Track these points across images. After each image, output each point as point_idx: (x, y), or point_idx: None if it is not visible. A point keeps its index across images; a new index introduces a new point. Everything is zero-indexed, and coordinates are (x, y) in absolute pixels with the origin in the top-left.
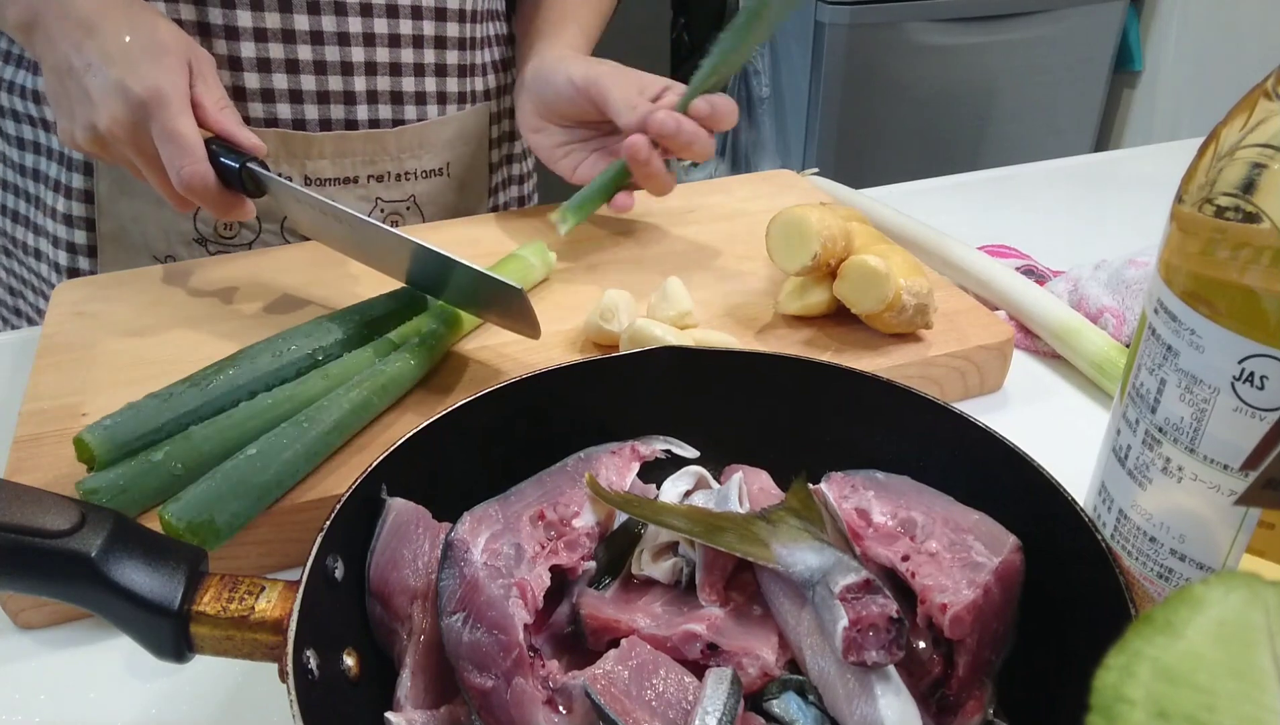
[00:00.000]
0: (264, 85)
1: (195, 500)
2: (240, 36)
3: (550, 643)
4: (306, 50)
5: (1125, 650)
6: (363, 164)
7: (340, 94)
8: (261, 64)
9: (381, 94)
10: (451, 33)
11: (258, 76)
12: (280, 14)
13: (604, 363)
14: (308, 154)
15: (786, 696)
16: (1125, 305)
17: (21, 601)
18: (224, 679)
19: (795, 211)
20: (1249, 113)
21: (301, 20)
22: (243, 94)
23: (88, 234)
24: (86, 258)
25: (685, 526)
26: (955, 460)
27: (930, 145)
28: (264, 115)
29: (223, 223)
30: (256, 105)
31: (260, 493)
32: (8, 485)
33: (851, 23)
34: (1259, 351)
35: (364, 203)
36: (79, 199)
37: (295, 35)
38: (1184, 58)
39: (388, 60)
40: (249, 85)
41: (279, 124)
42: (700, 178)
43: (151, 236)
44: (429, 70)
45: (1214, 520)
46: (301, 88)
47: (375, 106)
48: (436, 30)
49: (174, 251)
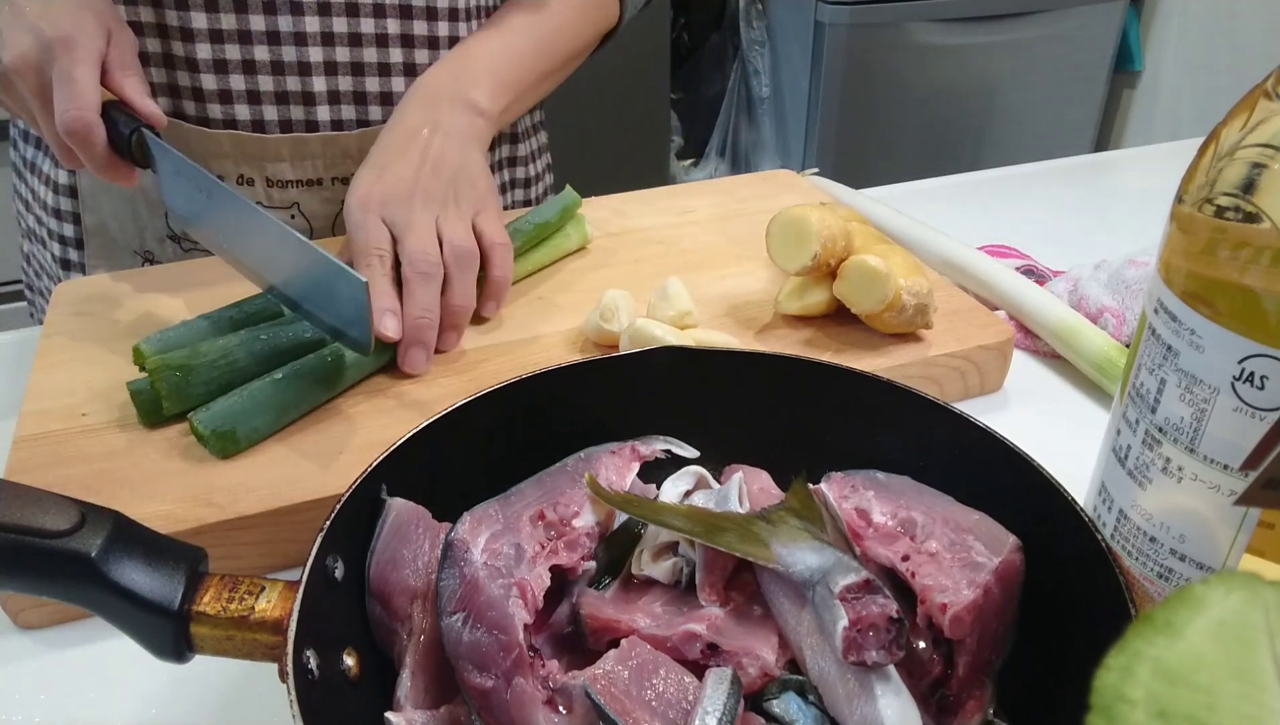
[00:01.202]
0: (221, 86)
1: (223, 411)
2: (195, 38)
3: (550, 643)
4: (263, 51)
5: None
6: (325, 166)
7: (299, 95)
8: (218, 65)
9: (344, 94)
10: (419, 31)
11: (215, 78)
12: (236, 15)
13: (604, 363)
14: (264, 156)
15: (786, 696)
16: (1125, 305)
17: (21, 601)
18: (224, 679)
19: (795, 211)
20: (1249, 113)
21: (258, 20)
22: (201, 95)
23: (75, 227)
24: (75, 250)
25: (685, 526)
26: (955, 460)
27: (930, 145)
28: (222, 116)
29: None
30: (215, 106)
31: (279, 412)
32: (8, 485)
33: (851, 23)
34: (1259, 351)
35: (330, 205)
36: (65, 193)
37: (251, 36)
38: (1184, 58)
39: (349, 60)
40: (206, 86)
41: (238, 125)
42: (700, 178)
43: (129, 233)
44: (396, 70)
45: (1214, 520)
46: (259, 89)
47: (338, 107)
48: (402, 29)
49: (150, 248)
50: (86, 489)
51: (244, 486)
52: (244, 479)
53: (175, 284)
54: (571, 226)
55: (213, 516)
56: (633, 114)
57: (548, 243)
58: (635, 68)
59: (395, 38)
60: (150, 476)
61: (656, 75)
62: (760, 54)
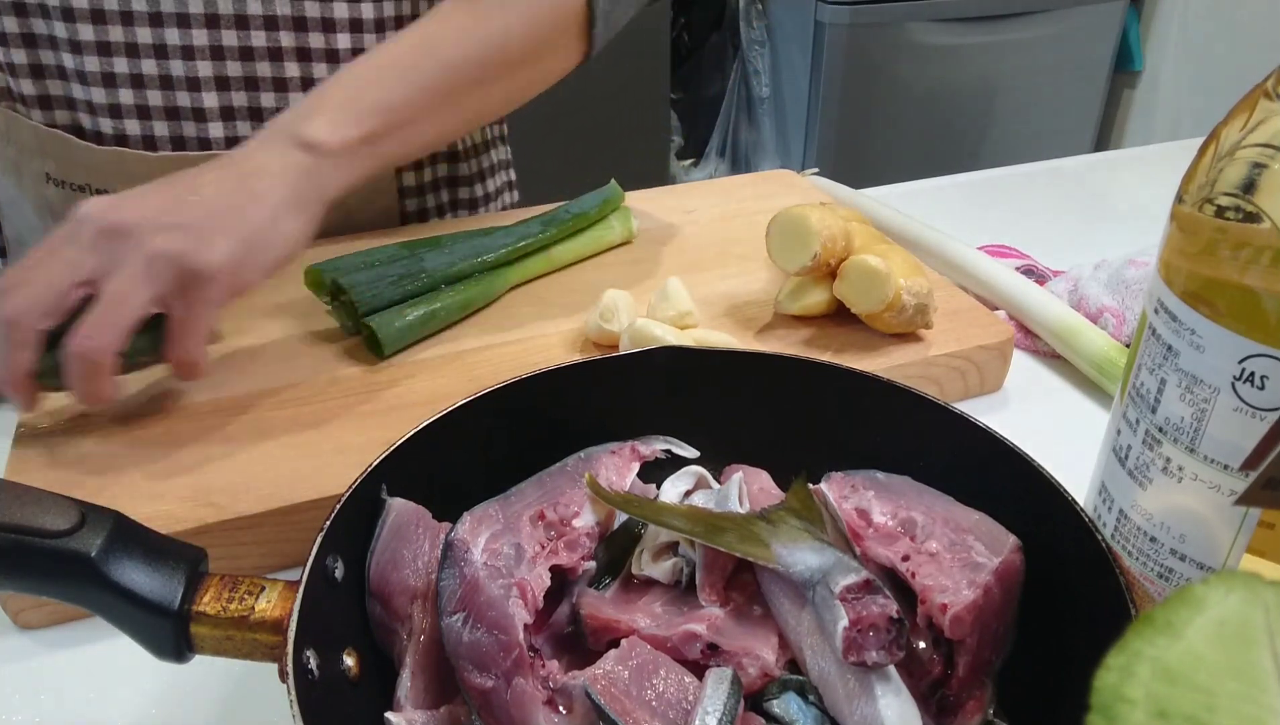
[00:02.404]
0: (110, 100)
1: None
2: (84, 50)
3: (550, 643)
4: (150, 64)
5: (1125, 650)
6: None
7: (189, 110)
8: (106, 79)
9: (239, 110)
10: (315, 44)
11: (104, 91)
12: (123, 27)
13: (604, 363)
14: (149, 175)
15: (787, 697)
16: (1125, 305)
17: (21, 601)
18: (224, 679)
19: (795, 211)
20: (1249, 113)
21: (144, 33)
22: (92, 108)
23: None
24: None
25: (685, 526)
26: (955, 460)
27: (930, 145)
28: (113, 131)
29: None
30: (105, 120)
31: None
32: (8, 485)
33: (851, 23)
34: (1259, 351)
35: None
36: None
37: (139, 49)
38: (1184, 58)
39: (241, 74)
40: (95, 100)
41: (129, 141)
42: (700, 178)
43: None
44: (293, 85)
45: (1214, 520)
46: (149, 103)
47: (233, 124)
48: (297, 42)
49: None
50: (86, 489)
51: (244, 486)
52: (244, 479)
53: None
54: (616, 219)
55: (213, 516)
56: (633, 114)
57: (587, 233)
58: (635, 68)
59: (290, 51)
60: (150, 476)
61: (656, 75)
62: (760, 54)
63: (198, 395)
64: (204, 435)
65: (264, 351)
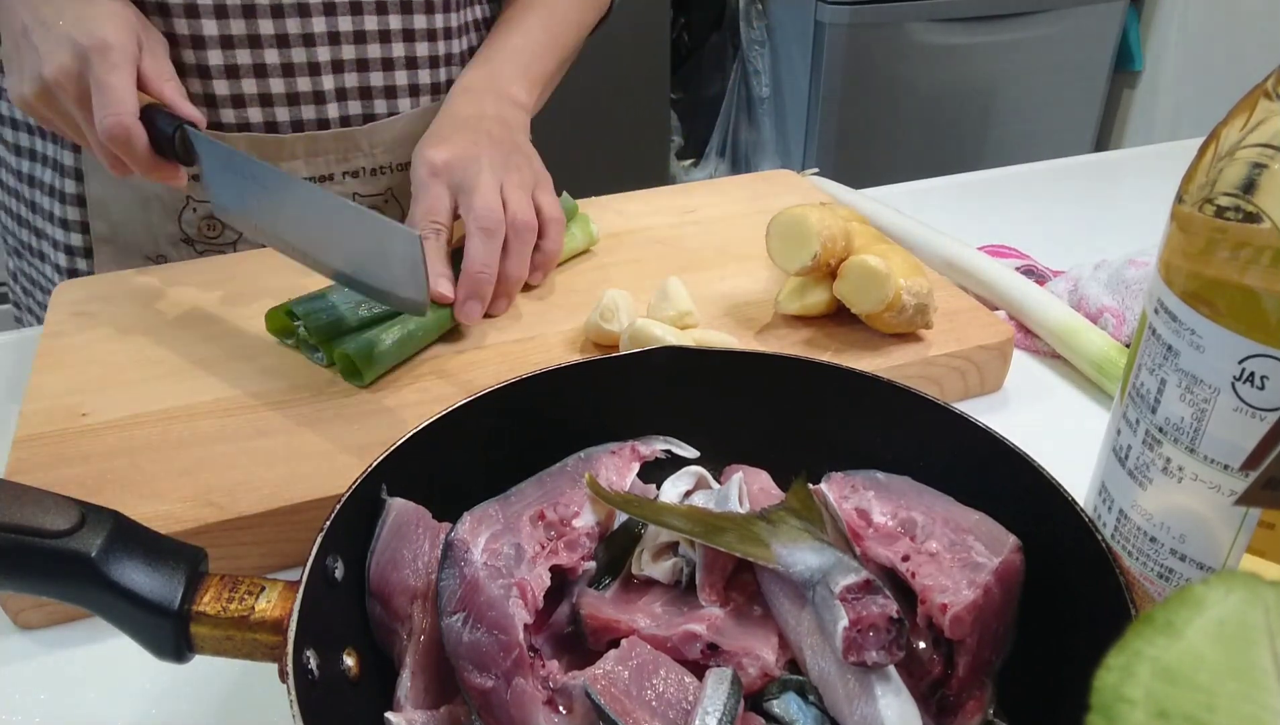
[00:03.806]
0: (234, 91)
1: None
2: (207, 45)
3: (550, 643)
4: (273, 54)
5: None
6: (336, 161)
7: (309, 94)
8: (230, 70)
9: (350, 90)
10: (419, 25)
11: (227, 83)
12: (245, 20)
13: (604, 363)
14: (279, 155)
15: (787, 697)
16: (1125, 305)
17: (21, 601)
18: (224, 679)
19: (795, 211)
20: (1249, 113)
21: (266, 25)
22: (214, 101)
23: (83, 236)
24: (84, 259)
25: (685, 527)
26: (955, 460)
27: (930, 145)
28: (236, 121)
29: (205, 223)
30: (228, 111)
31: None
32: (8, 485)
33: (851, 23)
34: (1259, 351)
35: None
36: (72, 203)
37: (261, 40)
38: (1184, 58)
39: (354, 57)
40: (219, 92)
41: (251, 128)
42: (700, 178)
43: (141, 238)
44: (398, 64)
45: (1214, 520)
46: (271, 91)
47: (344, 104)
48: (403, 24)
49: (163, 251)
50: (86, 489)
51: (244, 486)
52: (244, 479)
53: (176, 284)
54: (577, 227)
55: (213, 516)
56: (633, 114)
57: None
58: (635, 68)
59: (397, 33)
60: (150, 476)
61: (656, 75)
62: (760, 54)
63: (198, 395)
64: (203, 435)
65: (264, 352)
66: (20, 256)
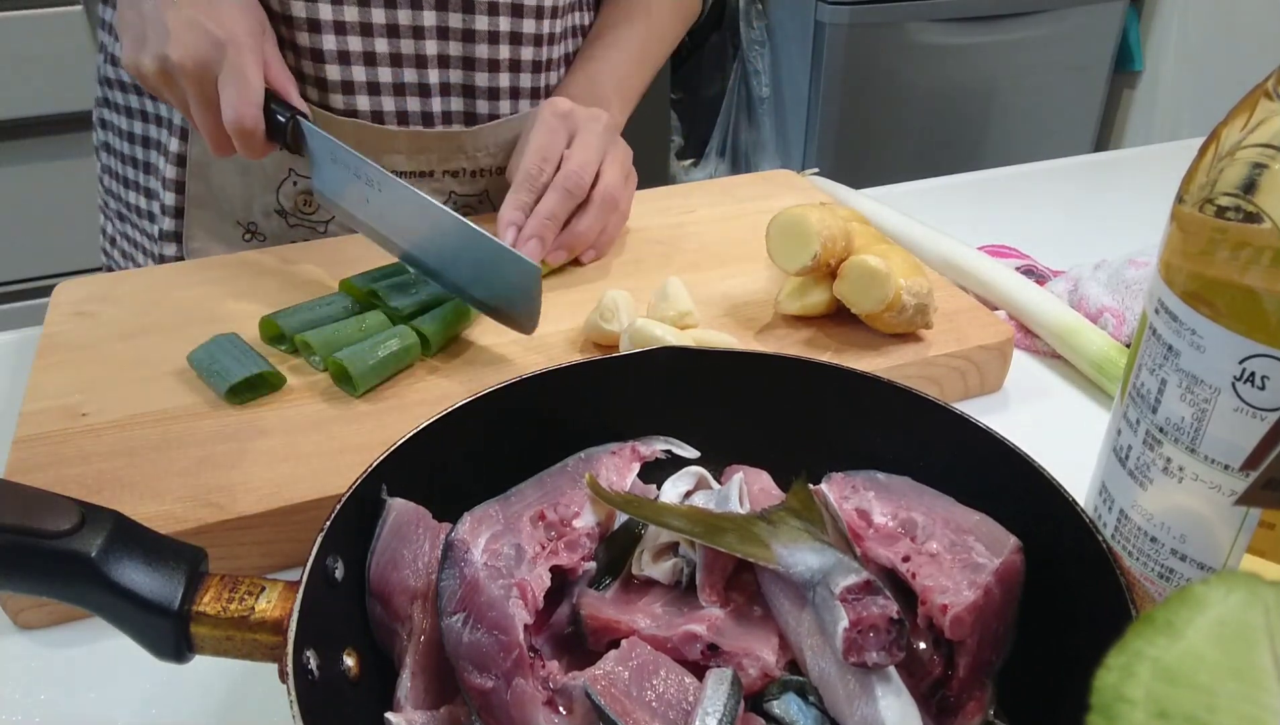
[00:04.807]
0: (344, 77)
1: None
2: (322, 29)
3: (550, 643)
4: (383, 43)
5: (1125, 650)
6: (438, 160)
7: (415, 86)
8: (341, 56)
9: (454, 86)
10: (528, 29)
11: (338, 69)
12: (359, 7)
13: (604, 363)
14: (382, 147)
15: (787, 697)
16: (1125, 305)
17: (21, 601)
18: (224, 679)
19: (795, 211)
20: (1249, 113)
21: (379, 14)
22: (324, 85)
23: (175, 196)
24: (172, 219)
25: (685, 527)
26: (955, 460)
27: (930, 145)
28: (344, 107)
29: (302, 197)
30: (337, 97)
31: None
32: (8, 485)
33: (851, 23)
34: (1260, 351)
35: (437, 195)
36: (174, 162)
37: (372, 28)
38: (1184, 58)
39: (461, 54)
40: (330, 77)
41: (359, 115)
42: (700, 178)
43: (236, 204)
44: (503, 66)
45: (1214, 520)
46: (379, 80)
47: (448, 99)
48: (511, 26)
49: (255, 220)
50: (86, 489)
51: (244, 486)
52: (244, 479)
53: (177, 284)
54: None
55: (213, 516)
56: (633, 114)
57: None
58: None
59: (505, 35)
60: (150, 476)
61: (657, 75)
62: (760, 54)
63: (198, 395)
64: (203, 435)
65: (264, 352)
66: (124, 220)
